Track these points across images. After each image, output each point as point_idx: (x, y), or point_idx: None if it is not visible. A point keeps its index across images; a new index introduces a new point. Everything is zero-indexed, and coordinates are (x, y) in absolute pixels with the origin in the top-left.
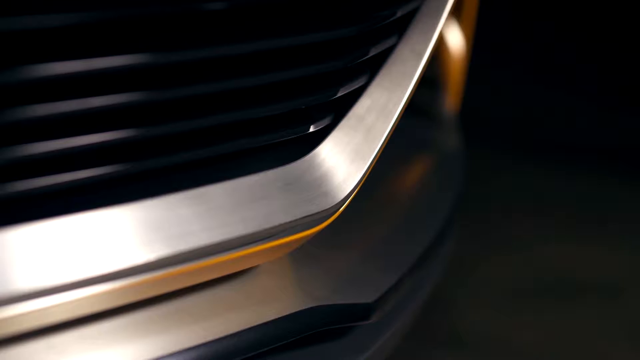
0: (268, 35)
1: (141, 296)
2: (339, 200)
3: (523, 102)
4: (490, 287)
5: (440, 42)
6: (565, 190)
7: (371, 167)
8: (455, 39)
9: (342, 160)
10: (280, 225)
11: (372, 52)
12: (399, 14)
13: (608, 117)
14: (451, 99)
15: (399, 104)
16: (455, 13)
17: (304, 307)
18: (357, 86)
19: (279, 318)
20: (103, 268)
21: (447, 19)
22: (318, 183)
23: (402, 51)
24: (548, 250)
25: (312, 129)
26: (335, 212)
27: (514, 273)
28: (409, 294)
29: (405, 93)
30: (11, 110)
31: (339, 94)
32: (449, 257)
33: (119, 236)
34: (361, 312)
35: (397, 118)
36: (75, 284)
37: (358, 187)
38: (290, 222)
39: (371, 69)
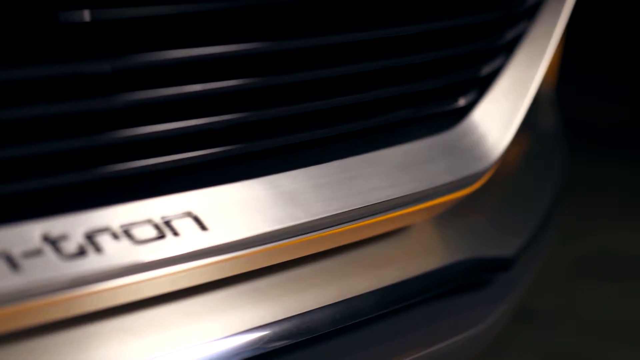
0: (429, 18)
1: (332, 245)
2: (491, 162)
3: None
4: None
5: None
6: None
7: (515, 134)
8: None
9: (491, 128)
10: (444, 184)
11: (511, 34)
12: (531, 1)
13: None
14: (548, 78)
15: (535, 79)
16: None
17: (458, 259)
18: (499, 64)
19: (437, 268)
20: (307, 217)
21: None
22: (472, 148)
23: (535, 34)
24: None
25: (462, 103)
26: (487, 172)
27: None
28: (534, 253)
29: (538, 70)
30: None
31: (485, 71)
32: (558, 225)
33: (316, 191)
34: (503, 264)
35: (534, 91)
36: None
37: (505, 152)
38: (452, 182)
39: (509, 49)
